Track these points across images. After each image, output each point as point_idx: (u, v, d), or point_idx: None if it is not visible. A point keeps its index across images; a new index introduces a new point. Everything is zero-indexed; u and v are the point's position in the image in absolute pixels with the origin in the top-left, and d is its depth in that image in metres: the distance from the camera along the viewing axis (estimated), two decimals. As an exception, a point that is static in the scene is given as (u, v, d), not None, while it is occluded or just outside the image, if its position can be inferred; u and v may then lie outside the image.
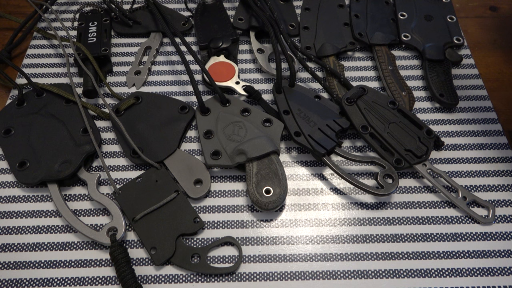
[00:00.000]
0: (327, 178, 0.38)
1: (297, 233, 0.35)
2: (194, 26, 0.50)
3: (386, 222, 0.36)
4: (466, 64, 0.46)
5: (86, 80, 0.42)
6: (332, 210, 0.37)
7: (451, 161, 0.39)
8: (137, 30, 0.49)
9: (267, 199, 0.35)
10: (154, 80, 0.45)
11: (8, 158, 0.38)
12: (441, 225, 0.36)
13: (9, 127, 0.40)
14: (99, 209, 0.37)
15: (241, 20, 0.48)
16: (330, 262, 0.34)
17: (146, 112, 0.41)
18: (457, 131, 0.41)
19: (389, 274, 0.33)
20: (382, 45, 0.46)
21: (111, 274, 0.33)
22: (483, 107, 0.43)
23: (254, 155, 0.36)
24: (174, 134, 0.40)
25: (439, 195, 0.37)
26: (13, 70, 0.46)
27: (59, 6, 0.53)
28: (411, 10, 0.49)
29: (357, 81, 0.45)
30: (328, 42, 0.47)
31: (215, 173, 0.38)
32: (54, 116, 0.41)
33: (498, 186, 0.38)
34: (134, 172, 0.39)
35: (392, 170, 0.36)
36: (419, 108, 0.43)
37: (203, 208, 0.37)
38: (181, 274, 0.33)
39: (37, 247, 0.35)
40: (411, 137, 0.39)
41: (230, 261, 0.34)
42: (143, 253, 0.34)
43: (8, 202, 0.37)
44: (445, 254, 0.34)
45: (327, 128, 0.39)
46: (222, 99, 0.41)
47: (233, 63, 0.45)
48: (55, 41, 0.49)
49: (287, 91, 0.42)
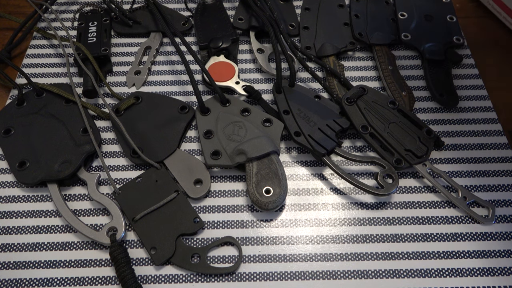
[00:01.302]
0: (327, 178, 0.38)
1: (297, 233, 0.35)
2: (194, 26, 0.50)
3: (386, 222, 0.36)
4: (466, 64, 0.46)
5: (86, 80, 0.42)
6: (332, 210, 0.37)
7: (451, 161, 0.39)
8: (137, 30, 0.49)
9: (267, 199, 0.35)
10: (154, 80, 0.45)
11: (8, 158, 0.38)
12: (441, 225, 0.36)
13: (9, 127, 0.40)
14: (99, 209, 0.37)
15: (241, 20, 0.48)
16: (330, 262, 0.34)
17: (146, 112, 0.41)
18: (457, 131, 0.41)
19: (389, 274, 0.33)
20: (382, 45, 0.46)
21: (111, 274, 0.33)
22: (483, 107, 0.43)
23: (254, 155, 0.36)
24: (174, 134, 0.40)
25: (439, 195, 0.37)
26: (13, 70, 0.46)
27: (59, 6, 0.53)
28: (411, 10, 0.49)
29: (357, 81, 0.45)
30: (328, 42, 0.47)
31: (215, 173, 0.38)
32: (54, 116, 0.41)
33: (498, 186, 0.38)
34: (134, 172, 0.39)
35: (392, 170, 0.36)
36: (419, 108, 0.43)
37: (203, 208, 0.37)
38: (181, 274, 0.33)
39: (37, 247, 0.35)
40: (411, 137, 0.39)
41: (230, 261, 0.34)
42: (143, 253, 0.34)
43: (8, 202, 0.37)
44: (445, 254, 0.34)
45: (327, 128, 0.39)
46: (222, 99, 0.41)
47: (233, 63, 0.45)
48: (55, 41, 0.49)
49: (287, 91, 0.42)
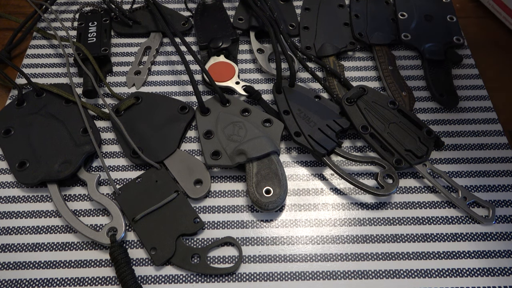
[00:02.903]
0: (327, 178, 0.38)
1: (297, 233, 0.35)
2: (194, 26, 0.49)
3: (386, 222, 0.36)
4: (466, 64, 0.46)
5: (86, 80, 0.42)
6: (332, 210, 0.37)
7: (451, 161, 0.39)
8: (137, 30, 0.49)
9: (267, 199, 0.35)
10: (154, 80, 0.45)
11: (8, 158, 0.38)
12: (441, 225, 0.36)
13: (9, 127, 0.40)
14: (99, 209, 0.37)
15: (241, 20, 0.48)
16: (330, 262, 0.34)
17: (146, 112, 0.41)
18: (457, 131, 0.41)
19: (389, 274, 0.33)
20: (382, 45, 0.46)
21: (111, 275, 0.33)
22: (483, 107, 0.43)
23: (254, 155, 0.36)
24: (174, 134, 0.40)
25: (439, 195, 0.37)
26: (13, 70, 0.46)
27: (59, 6, 0.53)
28: (411, 10, 0.49)
29: (357, 81, 0.45)
30: (328, 42, 0.47)
31: (215, 173, 0.38)
32: (54, 116, 0.40)
33: (498, 186, 0.38)
34: (134, 172, 0.39)
35: (392, 170, 0.36)
36: (419, 108, 0.43)
37: (203, 208, 0.37)
38: (181, 275, 0.33)
39: (37, 247, 0.35)
40: (411, 137, 0.39)
41: (230, 261, 0.34)
42: (143, 253, 0.34)
43: (8, 202, 0.37)
44: (445, 254, 0.34)
45: (327, 128, 0.39)
46: (222, 99, 0.41)
47: (233, 63, 0.45)
48: (55, 41, 0.49)
49: (287, 91, 0.42)
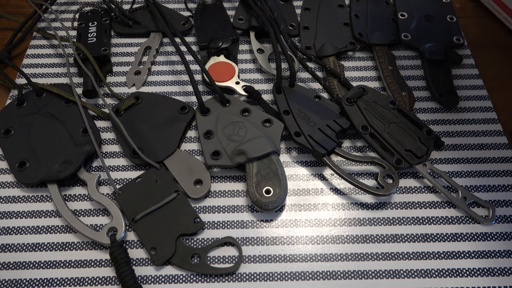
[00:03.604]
0: (327, 178, 0.38)
1: (297, 233, 0.35)
2: (194, 26, 0.49)
3: (386, 222, 0.36)
4: (466, 64, 0.46)
5: (86, 80, 0.42)
6: (332, 210, 0.37)
7: (451, 161, 0.39)
8: (137, 30, 0.49)
9: (267, 199, 0.35)
10: (154, 80, 0.45)
11: (8, 158, 0.38)
12: (441, 225, 0.36)
13: (9, 127, 0.40)
14: (99, 209, 0.37)
15: (241, 20, 0.48)
16: (330, 262, 0.34)
17: (146, 112, 0.41)
18: (457, 131, 0.41)
19: (389, 274, 0.33)
20: (382, 45, 0.46)
21: (111, 275, 0.33)
22: (483, 107, 0.43)
23: (254, 155, 0.36)
24: (174, 134, 0.40)
25: (439, 195, 0.37)
26: (13, 70, 0.46)
27: (59, 6, 0.53)
28: (411, 10, 0.49)
29: (357, 81, 0.45)
30: (328, 42, 0.47)
31: (215, 173, 0.38)
32: (54, 116, 0.40)
33: (498, 186, 0.38)
34: (134, 172, 0.39)
35: (392, 170, 0.36)
36: (419, 108, 0.43)
37: (203, 208, 0.37)
38: (181, 275, 0.33)
39: (37, 247, 0.35)
40: (411, 137, 0.39)
41: (230, 261, 0.34)
42: (143, 253, 0.34)
43: (8, 202, 0.37)
44: (445, 254, 0.34)
45: (327, 128, 0.39)
46: (222, 99, 0.41)
47: (233, 63, 0.45)
48: (55, 41, 0.49)
49: (287, 91, 0.42)
